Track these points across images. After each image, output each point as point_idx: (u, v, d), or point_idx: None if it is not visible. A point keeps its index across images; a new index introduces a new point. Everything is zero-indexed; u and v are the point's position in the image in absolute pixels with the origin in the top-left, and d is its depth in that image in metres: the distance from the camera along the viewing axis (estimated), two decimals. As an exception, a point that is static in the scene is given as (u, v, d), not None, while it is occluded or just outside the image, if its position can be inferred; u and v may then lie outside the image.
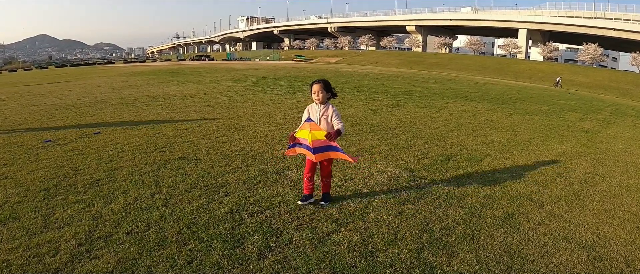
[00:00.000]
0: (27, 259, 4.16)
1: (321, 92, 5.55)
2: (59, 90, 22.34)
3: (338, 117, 5.54)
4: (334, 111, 5.55)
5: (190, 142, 9.21)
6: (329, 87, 5.64)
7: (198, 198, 5.84)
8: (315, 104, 5.66)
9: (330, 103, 5.67)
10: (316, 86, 5.57)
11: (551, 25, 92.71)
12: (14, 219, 5.13)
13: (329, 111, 5.56)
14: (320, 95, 5.55)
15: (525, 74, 72.30)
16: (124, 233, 4.73)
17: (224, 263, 4.12)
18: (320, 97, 5.57)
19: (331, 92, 5.66)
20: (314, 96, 5.58)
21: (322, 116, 5.59)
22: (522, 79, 65.84)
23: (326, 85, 5.61)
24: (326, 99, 5.63)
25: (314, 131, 5.42)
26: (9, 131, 11.04)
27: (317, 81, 5.62)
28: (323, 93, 5.56)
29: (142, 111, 14.05)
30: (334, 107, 5.60)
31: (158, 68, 48.18)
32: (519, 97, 23.47)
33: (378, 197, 6.06)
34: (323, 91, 5.56)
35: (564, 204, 6.19)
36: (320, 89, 5.55)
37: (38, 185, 6.41)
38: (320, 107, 5.63)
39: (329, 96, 5.65)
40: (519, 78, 66.68)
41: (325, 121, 5.57)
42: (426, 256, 4.39)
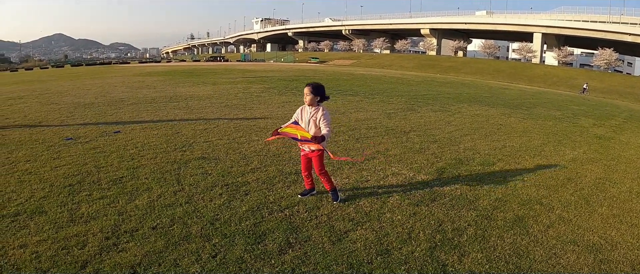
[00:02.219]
0: (56, 251, 4.40)
1: (308, 95, 5.77)
2: (76, 89, 22.72)
3: (326, 121, 5.71)
4: (323, 115, 5.73)
5: (210, 143, 9.47)
6: (319, 91, 5.82)
7: (219, 196, 6.10)
8: (307, 106, 5.88)
9: (322, 106, 5.85)
10: (306, 89, 5.79)
11: (566, 29, 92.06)
12: (41, 213, 5.39)
13: (318, 114, 5.74)
14: (308, 98, 5.78)
15: (539, 79, 71.97)
16: (149, 228, 4.99)
17: (246, 258, 4.36)
18: (307, 100, 5.79)
19: (321, 95, 5.83)
20: (305, 97, 5.81)
21: (312, 117, 5.80)
22: (537, 83, 65.56)
23: (315, 88, 5.80)
24: (316, 101, 5.81)
25: (300, 131, 5.73)
26: (30, 126, 11.41)
27: (308, 84, 5.85)
28: (311, 96, 5.76)
29: (160, 111, 14.34)
30: (324, 111, 5.78)
31: (173, 68, 48.64)
32: (532, 102, 23.51)
33: (393, 198, 6.28)
34: (311, 94, 5.76)
35: (573, 209, 6.34)
36: (308, 92, 5.76)
37: (62, 181, 6.69)
38: (311, 109, 5.84)
39: (317, 99, 5.81)
40: (533, 83, 66.37)
41: (314, 123, 5.77)
42: (439, 254, 4.61)
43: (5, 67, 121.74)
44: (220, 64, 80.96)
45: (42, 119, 12.70)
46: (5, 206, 5.62)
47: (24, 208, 5.56)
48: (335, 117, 13.52)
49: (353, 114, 14.34)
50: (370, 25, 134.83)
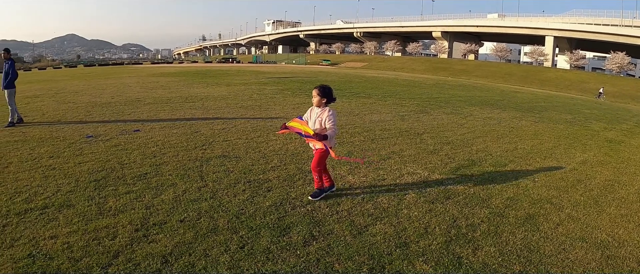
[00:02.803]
0: (87, 242, 4.67)
1: (316, 97, 6.08)
2: (91, 88, 23.14)
3: (331, 121, 5.96)
4: (329, 115, 5.98)
5: (229, 142, 9.78)
6: (326, 93, 6.08)
7: (243, 192, 6.40)
8: (315, 107, 6.18)
9: (328, 107, 6.12)
10: (314, 91, 6.12)
11: (578, 32, 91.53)
12: (69, 207, 5.69)
13: (324, 115, 6.01)
14: (315, 99, 6.09)
15: (551, 83, 71.74)
16: (177, 221, 5.28)
17: (273, 249, 4.65)
18: (315, 101, 6.10)
19: (327, 97, 6.09)
20: (313, 99, 6.12)
21: (318, 117, 6.08)
22: (548, 87, 65.41)
23: (322, 90, 6.08)
24: (322, 103, 6.08)
25: (304, 125, 6.08)
26: (49, 124, 11.78)
27: (316, 87, 6.16)
28: (318, 97, 6.07)
29: (177, 110, 14.68)
30: (330, 112, 6.03)
31: (186, 69, 49.01)
32: (544, 106, 23.61)
33: (409, 196, 6.55)
34: (318, 96, 6.06)
35: (582, 208, 6.55)
36: (316, 94, 6.08)
37: (87, 176, 7.02)
38: (318, 109, 6.13)
39: (324, 100, 6.07)
40: (545, 86, 66.23)
41: (319, 123, 6.04)
42: (454, 248, 4.88)
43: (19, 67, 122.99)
44: (232, 65, 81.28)
45: (61, 117, 13.09)
46: (33, 200, 5.92)
47: (52, 202, 5.85)
48: (350, 118, 13.80)
49: (367, 116, 14.60)
50: (381, 28, 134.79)
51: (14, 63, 13.15)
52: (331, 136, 5.95)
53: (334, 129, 5.96)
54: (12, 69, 12.80)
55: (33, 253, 4.42)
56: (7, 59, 13.02)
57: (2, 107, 14.76)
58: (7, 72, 12.72)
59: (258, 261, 4.37)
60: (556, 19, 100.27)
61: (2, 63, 13.37)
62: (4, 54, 13.18)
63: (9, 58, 13.06)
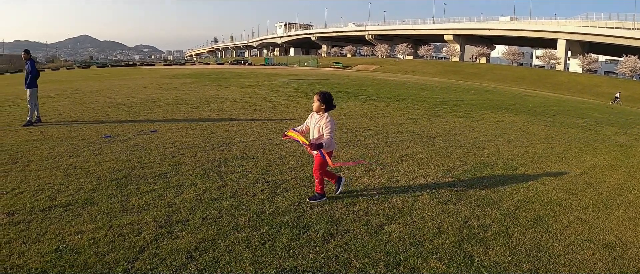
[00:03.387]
0: (113, 238, 4.90)
1: (316, 102, 6.22)
2: (105, 89, 23.51)
3: (328, 129, 6.10)
4: (326, 122, 6.13)
5: (245, 143, 10.03)
6: (326, 99, 6.19)
7: (262, 192, 6.65)
8: (315, 113, 6.34)
9: (327, 114, 6.22)
10: (315, 96, 6.27)
11: (590, 36, 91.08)
12: (92, 204, 5.95)
13: (322, 121, 6.16)
14: (315, 105, 6.24)
15: (563, 86, 71.52)
16: (199, 218, 5.53)
17: (293, 245, 4.89)
18: (315, 107, 6.26)
19: (327, 103, 6.20)
20: (314, 105, 6.28)
21: (316, 124, 6.26)
22: (561, 91, 65.19)
23: (323, 97, 6.19)
24: (322, 109, 6.21)
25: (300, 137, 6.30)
26: (67, 123, 12.10)
27: (317, 93, 6.31)
28: (318, 103, 6.20)
29: (193, 112, 14.97)
30: (328, 118, 6.16)
31: (199, 71, 49.39)
32: (556, 110, 23.62)
33: (422, 197, 6.76)
34: (318, 101, 6.19)
35: (591, 211, 6.69)
36: (316, 99, 6.22)
37: (108, 175, 7.30)
38: (317, 116, 6.30)
39: (324, 107, 6.19)
40: (557, 90, 66.00)
41: (317, 130, 6.23)
42: (466, 246, 5.08)
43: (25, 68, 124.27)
44: (244, 67, 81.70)
45: (78, 117, 13.43)
46: (56, 197, 6.18)
47: (75, 199, 6.11)
48: (363, 121, 14.01)
49: (380, 119, 14.80)
50: (393, 31, 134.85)
51: (34, 63, 13.51)
52: (328, 142, 6.11)
53: (331, 136, 6.12)
54: (32, 68, 13.16)
55: (60, 248, 4.62)
56: (28, 60, 13.39)
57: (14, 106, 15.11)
58: (28, 72, 13.09)
59: (279, 257, 4.60)
60: (568, 22, 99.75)
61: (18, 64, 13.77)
62: (24, 54, 13.56)
63: (29, 58, 13.42)
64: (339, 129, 12.24)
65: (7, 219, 5.38)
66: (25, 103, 16.43)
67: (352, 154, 9.41)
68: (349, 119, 14.40)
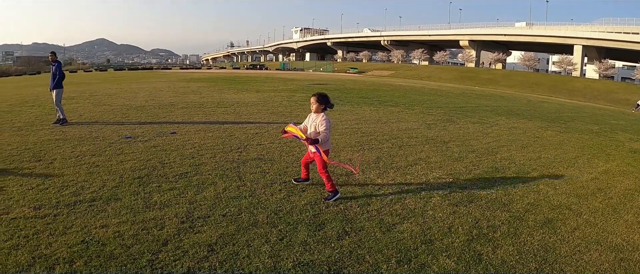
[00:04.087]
0: (137, 231, 5.19)
1: (314, 104, 6.68)
2: (124, 92, 23.96)
3: (324, 126, 6.52)
4: (322, 121, 6.56)
5: (263, 146, 10.30)
6: (324, 100, 6.68)
7: (279, 192, 6.91)
8: (313, 113, 6.77)
9: (324, 113, 6.67)
10: (312, 98, 6.72)
11: (607, 41, 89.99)
12: (116, 200, 6.26)
13: (319, 120, 6.60)
14: (314, 106, 6.68)
15: (579, 93, 70.94)
16: (219, 215, 5.80)
17: (310, 241, 5.13)
18: (314, 108, 6.70)
19: (325, 104, 6.69)
20: (312, 106, 6.73)
21: (314, 122, 6.69)
22: (577, 97, 64.69)
23: (320, 98, 6.67)
24: (320, 109, 6.66)
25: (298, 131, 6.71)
26: (87, 124, 12.46)
27: (314, 94, 6.77)
28: (317, 104, 6.66)
29: (211, 115, 15.28)
30: (324, 118, 6.59)
31: (215, 75, 49.80)
32: (570, 116, 23.59)
33: (434, 199, 6.97)
34: (317, 102, 6.65)
35: (600, 215, 6.82)
36: (314, 101, 6.68)
37: (130, 174, 7.62)
38: (315, 115, 6.72)
39: (322, 107, 6.66)
40: (573, 96, 65.49)
41: (314, 128, 6.64)
42: (475, 246, 5.28)
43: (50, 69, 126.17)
44: (260, 72, 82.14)
45: (98, 118, 13.83)
46: (80, 193, 6.50)
47: (99, 195, 6.42)
48: (378, 126, 14.21)
49: (394, 124, 14.98)
50: (409, 36, 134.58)
51: (60, 65, 13.90)
52: (324, 139, 6.52)
53: (326, 133, 6.53)
54: (58, 70, 13.54)
55: (86, 240, 4.90)
56: (54, 61, 13.77)
57: (35, 107, 15.52)
58: (54, 73, 13.47)
59: (296, 252, 4.84)
60: (585, 27, 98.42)
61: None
62: (51, 56, 13.97)
63: (55, 60, 13.81)
64: (354, 134, 12.50)
65: (33, 212, 5.69)
66: (45, 104, 16.92)
67: (367, 158, 9.62)
68: (364, 124, 14.60)
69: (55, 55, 14.12)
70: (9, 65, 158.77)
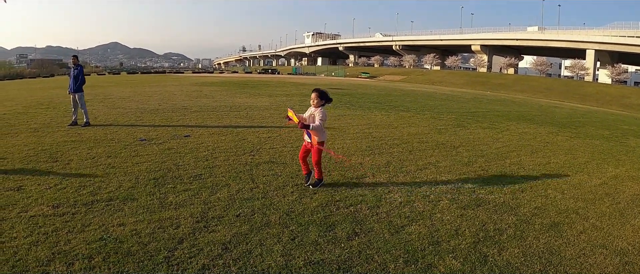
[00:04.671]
0: (153, 230, 5.41)
1: (315, 99, 7.32)
2: (137, 95, 24.29)
3: (320, 116, 7.19)
4: (319, 112, 7.24)
5: (275, 149, 10.48)
6: (324, 96, 7.34)
7: (291, 194, 7.10)
8: (312, 106, 7.38)
9: (322, 108, 7.32)
10: (313, 94, 7.34)
11: (620, 45, 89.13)
12: (132, 200, 6.50)
13: (317, 112, 7.25)
14: (315, 101, 7.31)
15: (592, 98, 70.49)
16: (233, 216, 6.01)
17: (320, 241, 5.30)
18: (314, 103, 7.32)
19: (325, 99, 7.37)
20: (311, 101, 7.37)
21: (311, 115, 7.35)
22: (589, 102, 64.31)
23: (320, 93, 7.31)
24: (320, 104, 7.31)
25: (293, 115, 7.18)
26: (102, 126, 12.71)
27: (314, 90, 7.40)
28: (317, 100, 7.31)
29: (223, 119, 15.51)
30: (323, 111, 7.28)
31: (227, 79, 50.22)
32: (582, 121, 23.52)
33: (442, 202, 7.11)
34: (317, 98, 7.31)
35: (607, 219, 6.88)
36: (315, 97, 7.32)
37: (146, 175, 7.86)
38: (314, 109, 7.34)
39: (322, 102, 7.32)
40: (585, 101, 65.08)
41: (312, 119, 7.29)
42: (481, 248, 5.42)
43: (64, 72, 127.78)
44: (272, 76, 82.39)
45: (112, 121, 14.13)
46: (98, 193, 6.75)
47: (116, 195, 6.67)
48: (389, 131, 14.34)
49: (405, 129, 15.10)
50: (420, 41, 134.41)
51: (82, 69, 14.16)
52: (317, 128, 7.15)
53: (319, 124, 7.16)
54: (81, 74, 13.80)
55: (104, 237, 5.12)
56: (76, 65, 14.02)
57: (50, 109, 15.79)
58: (77, 76, 13.71)
59: (307, 251, 5.02)
60: (597, 31, 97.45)
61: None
62: (73, 59, 14.23)
63: (77, 64, 14.06)
64: (366, 138, 12.66)
65: (52, 211, 5.93)
66: (59, 106, 17.26)
67: (377, 162, 9.76)
68: (376, 129, 14.75)
69: (77, 59, 14.38)
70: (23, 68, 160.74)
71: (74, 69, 13.97)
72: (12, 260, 4.52)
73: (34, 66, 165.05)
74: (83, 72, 14.06)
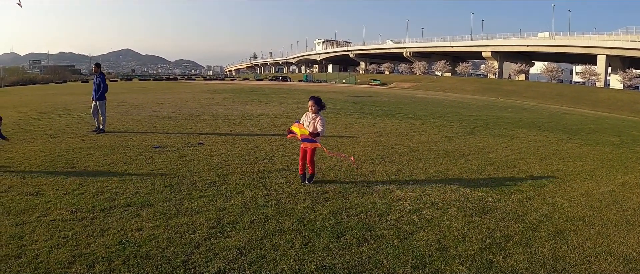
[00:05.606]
0: (170, 235, 5.64)
1: (312, 106, 8.18)
2: (150, 102, 24.64)
3: (322, 124, 8.10)
4: (320, 120, 8.13)
5: (287, 157, 10.68)
6: (320, 103, 8.24)
7: (303, 201, 7.32)
8: (310, 113, 8.24)
9: (320, 113, 8.24)
10: (310, 101, 8.22)
11: (631, 50, 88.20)
12: (149, 206, 6.75)
13: (317, 119, 8.13)
14: (313, 108, 8.17)
15: (603, 104, 69.92)
16: (247, 222, 6.23)
17: (332, 247, 5.51)
18: (312, 109, 8.18)
19: (321, 106, 8.25)
20: (309, 107, 8.23)
21: (312, 121, 8.16)
22: (600, 108, 63.73)
23: (317, 101, 8.18)
24: (317, 110, 8.17)
25: (301, 129, 8.09)
26: (116, 133, 13.01)
27: (311, 98, 8.28)
28: (315, 107, 8.17)
29: (236, 126, 15.76)
30: (322, 117, 8.20)
31: (239, 87, 50.48)
32: (592, 128, 23.50)
33: (451, 210, 7.27)
34: (315, 105, 8.16)
35: (613, 226, 6.98)
36: (312, 104, 8.18)
37: (161, 181, 8.11)
38: (312, 115, 8.20)
39: (319, 108, 8.18)
40: (596, 107, 64.51)
41: (312, 125, 8.11)
42: (487, 254, 5.58)
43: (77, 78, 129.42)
44: (283, 83, 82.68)
45: (126, 128, 14.43)
46: (115, 199, 7.01)
47: (133, 201, 6.92)
48: (399, 139, 14.50)
49: (415, 137, 15.25)
50: (431, 48, 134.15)
51: (105, 77, 14.37)
52: (322, 133, 8.07)
53: (323, 130, 8.09)
54: (103, 82, 14.01)
55: (123, 241, 5.36)
56: (98, 73, 14.23)
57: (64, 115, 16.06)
58: (99, 85, 13.93)
59: (319, 256, 5.22)
60: (608, 37, 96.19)
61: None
62: (95, 68, 14.45)
63: (99, 72, 14.27)
64: (376, 147, 12.84)
65: (71, 215, 6.19)
66: (74, 112, 17.57)
67: (387, 170, 9.93)
68: (386, 137, 14.92)
69: (100, 68, 14.56)
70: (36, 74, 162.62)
71: (97, 77, 14.17)
72: (33, 262, 4.75)
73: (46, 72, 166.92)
74: (105, 81, 14.25)
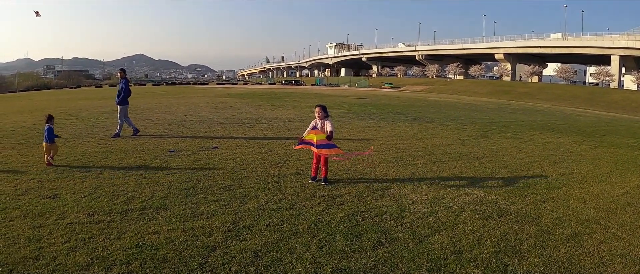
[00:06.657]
0: (187, 238, 5.74)
1: (320, 112, 8.89)
2: (163, 107, 24.78)
3: (331, 124, 8.81)
4: (329, 121, 8.87)
5: (302, 161, 10.75)
6: (325, 110, 8.94)
7: (318, 205, 7.38)
8: (317, 119, 8.91)
9: (327, 118, 8.92)
10: (317, 108, 8.95)
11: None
12: (165, 209, 6.86)
13: (326, 123, 8.83)
14: (320, 114, 8.88)
15: (617, 105, 69.37)
16: (263, 225, 6.32)
17: (347, 250, 5.57)
18: (319, 115, 8.89)
19: (326, 112, 8.95)
20: (316, 114, 8.95)
21: (321, 126, 8.81)
22: (615, 109, 63.33)
23: (323, 108, 8.93)
24: (324, 116, 8.85)
25: (318, 134, 8.53)
26: (132, 137, 13.21)
27: (318, 105, 9.04)
28: (321, 113, 8.89)
29: (250, 130, 15.85)
30: (329, 120, 8.90)
31: (251, 91, 50.72)
32: (606, 130, 23.34)
33: (465, 213, 7.31)
34: (322, 112, 8.89)
35: (628, 229, 6.96)
36: (319, 111, 8.90)
37: (177, 185, 8.21)
38: (320, 121, 8.88)
39: (325, 114, 8.87)
40: (610, 109, 64.08)
41: (323, 128, 8.76)
42: (502, 257, 5.60)
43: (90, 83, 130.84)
44: (296, 87, 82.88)
45: (141, 132, 14.53)
46: (131, 202, 7.13)
47: (149, 205, 7.03)
48: (412, 142, 14.53)
49: (429, 140, 15.27)
50: (443, 50, 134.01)
51: (128, 82, 14.53)
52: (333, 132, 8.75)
53: (333, 128, 8.79)
54: (125, 87, 14.17)
55: (140, 244, 5.47)
56: (122, 78, 14.41)
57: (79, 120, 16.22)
58: (121, 90, 14.10)
59: (335, 259, 5.28)
60: (622, 37, 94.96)
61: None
62: (120, 73, 14.63)
63: (124, 77, 14.44)
64: (390, 150, 12.90)
65: (88, 218, 6.32)
66: (89, 117, 17.75)
67: (401, 174, 9.99)
68: (399, 140, 14.96)
69: (124, 73, 14.75)
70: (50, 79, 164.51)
71: (120, 82, 14.37)
72: (52, 264, 4.86)
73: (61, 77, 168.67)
74: (127, 86, 14.39)
